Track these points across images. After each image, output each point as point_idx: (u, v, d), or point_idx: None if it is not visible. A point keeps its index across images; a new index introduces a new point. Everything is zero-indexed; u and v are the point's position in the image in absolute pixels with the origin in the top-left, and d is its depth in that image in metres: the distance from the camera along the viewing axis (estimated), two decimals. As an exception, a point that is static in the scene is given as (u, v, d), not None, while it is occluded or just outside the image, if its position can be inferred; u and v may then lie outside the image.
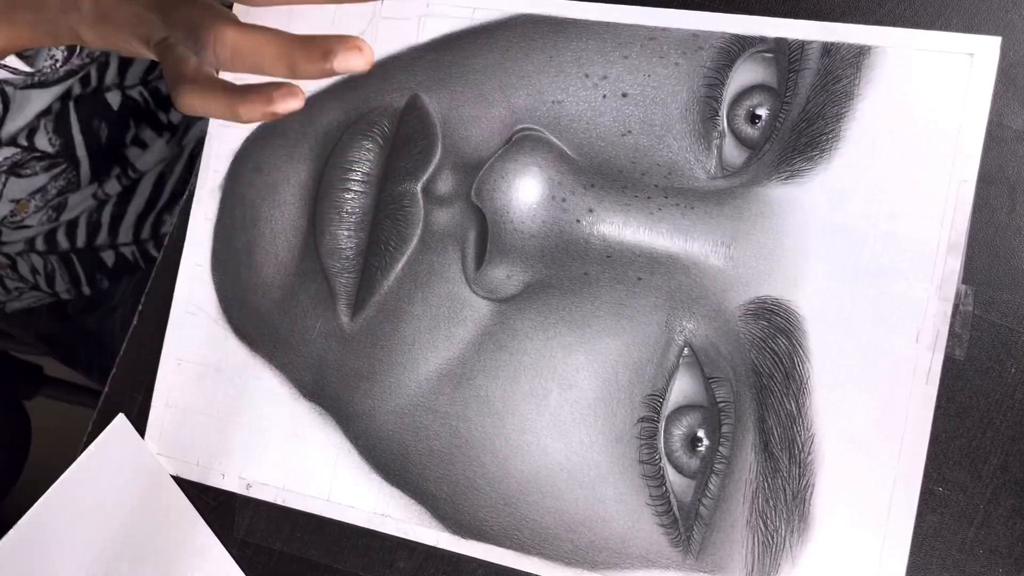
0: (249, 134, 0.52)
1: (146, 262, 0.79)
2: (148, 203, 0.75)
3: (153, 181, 0.75)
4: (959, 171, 0.42)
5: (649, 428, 0.44)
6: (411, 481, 0.47)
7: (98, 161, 0.69)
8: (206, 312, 0.52)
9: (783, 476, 0.42)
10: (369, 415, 0.48)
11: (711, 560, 0.43)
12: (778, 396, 0.42)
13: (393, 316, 0.48)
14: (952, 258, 0.41)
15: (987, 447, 0.41)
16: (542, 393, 0.45)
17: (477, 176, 0.46)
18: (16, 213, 0.68)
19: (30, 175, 0.67)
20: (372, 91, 0.50)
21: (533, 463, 0.45)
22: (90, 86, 0.67)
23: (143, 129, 0.72)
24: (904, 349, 0.41)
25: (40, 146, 0.65)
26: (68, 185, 0.69)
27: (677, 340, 0.44)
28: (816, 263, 0.43)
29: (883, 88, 0.43)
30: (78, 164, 0.68)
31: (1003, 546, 0.41)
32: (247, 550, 0.50)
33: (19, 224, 0.70)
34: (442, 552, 0.47)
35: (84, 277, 0.77)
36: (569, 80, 0.47)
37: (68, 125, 0.66)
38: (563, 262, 0.46)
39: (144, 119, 0.72)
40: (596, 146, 0.46)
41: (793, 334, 0.42)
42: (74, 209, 0.72)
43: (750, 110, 0.44)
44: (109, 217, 0.74)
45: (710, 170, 0.45)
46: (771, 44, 0.45)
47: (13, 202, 0.67)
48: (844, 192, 0.43)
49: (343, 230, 0.49)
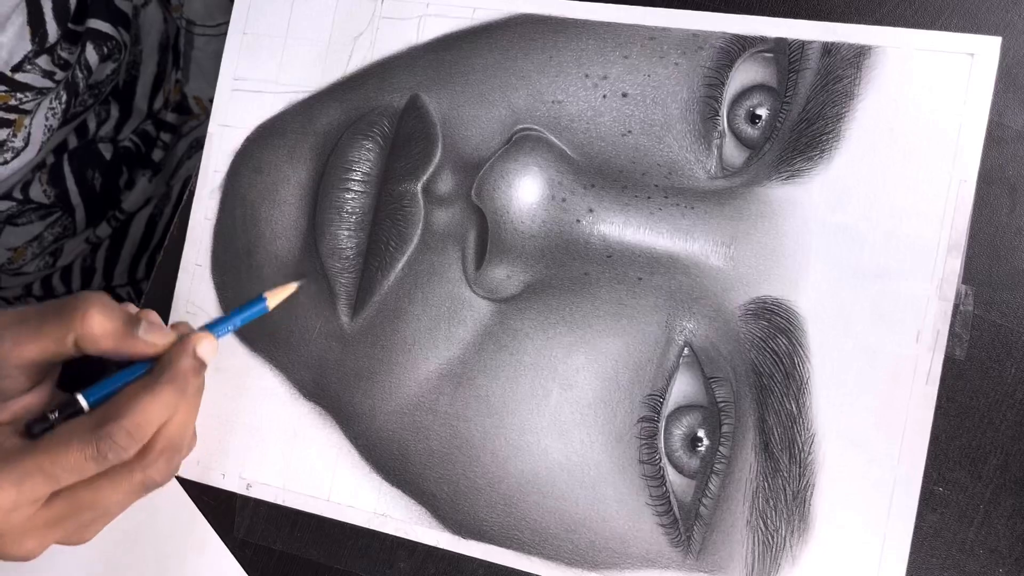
0: (249, 134, 0.52)
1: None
2: (141, 244, 0.75)
3: (144, 223, 0.74)
4: (959, 171, 0.42)
5: (649, 428, 0.44)
6: (411, 481, 0.47)
7: (93, 207, 0.69)
8: (206, 312, 0.52)
9: (783, 476, 0.42)
10: (369, 415, 0.48)
11: (711, 560, 0.43)
12: (778, 396, 0.42)
13: (393, 316, 0.48)
14: (952, 258, 0.41)
15: (987, 447, 0.41)
16: (542, 393, 0.45)
17: (477, 176, 0.46)
18: (14, 261, 0.68)
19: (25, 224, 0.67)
20: (372, 91, 0.50)
21: (533, 463, 0.45)
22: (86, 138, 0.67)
23: (136, 172, 0.72)
24: (904, 349, 0.41)
25: (35, 197, 0.65)
26: (64, 231, 0.69)
27: (677, 340, 0.44)
28: (816, 263, 0.43)
29: (883, 88, 0.43)
30: (73, 212, 0.68)
31: (1004, 546, 0.41)
32: (247, 550, 0.50)
33: (16, 271, 0.69)
34: (442, 552, 0.47)
35: None
36: (569, 80, 0.47)
37: (62, 177, 0.66)
38: (563, 262, 0.46)
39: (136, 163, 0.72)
40: (596, 146, 0.46)
41: (793, 334, 0.42)
42: (69, 255, 0.71)
43: (750, 110, 0.44)
44: (103, 261, 0.74)
45: (710, 170, 0.45)
46: (771, 44, 0.45)
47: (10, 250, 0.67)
48: (844, 192, 0.43)
49: (343, 230, 0.49)
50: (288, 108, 0.52)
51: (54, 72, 0.57)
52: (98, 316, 0.41)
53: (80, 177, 0.67)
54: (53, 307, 0.42)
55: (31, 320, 0.42)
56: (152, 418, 0.40)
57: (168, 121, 0.73)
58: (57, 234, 0.68)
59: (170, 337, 0.43)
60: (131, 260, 0.75)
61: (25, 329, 0.41)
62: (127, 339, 0.42)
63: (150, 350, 0.43)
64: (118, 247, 0.74)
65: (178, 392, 0.41)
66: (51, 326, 0.41)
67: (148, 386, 0.41)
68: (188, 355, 0.43)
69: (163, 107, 0.72)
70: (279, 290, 0.47)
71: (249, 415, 0.50)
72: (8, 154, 0.58)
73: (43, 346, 0.41)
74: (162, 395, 0.41)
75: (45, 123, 0.59)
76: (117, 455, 0.40)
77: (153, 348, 0.43)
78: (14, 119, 0.57)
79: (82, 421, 0.40)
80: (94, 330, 0.41)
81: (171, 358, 0.42)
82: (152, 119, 0.72)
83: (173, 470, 0.43)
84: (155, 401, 0.40)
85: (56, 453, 0.39)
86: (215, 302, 0.52)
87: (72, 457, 0.39)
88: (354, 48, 0.51)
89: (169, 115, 0.73)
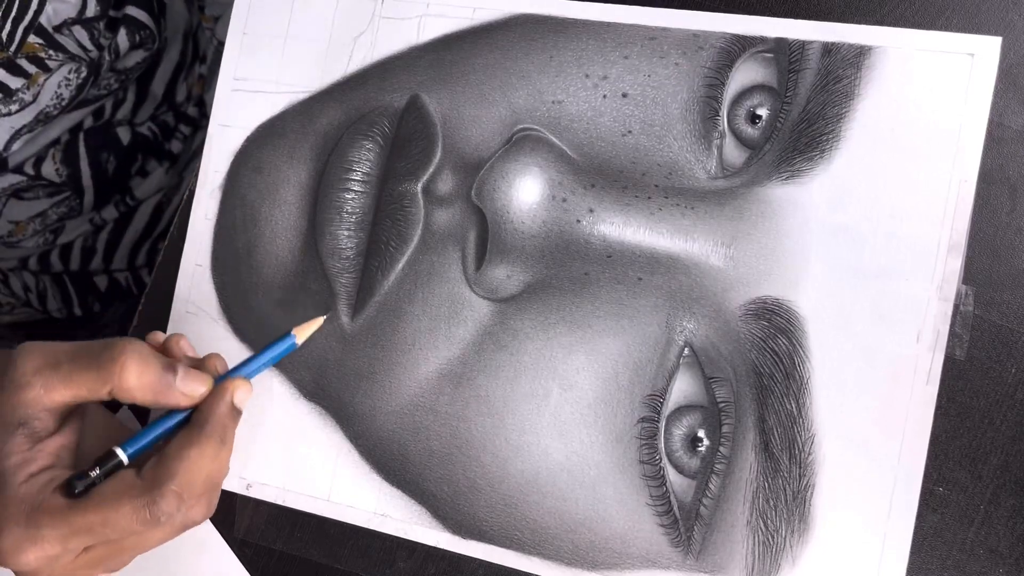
0: (249, 134, 0.52)
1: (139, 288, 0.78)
2: (145, 231, 0.75)
3: (151, 210, 0.74)
4: (959, 171, 0.42)
5: (649, 428, 0.44)
6: (411, 481, 0.47)
7: (102, 191, 0.69)
8: (206, 312, 0.52)
9: (783, 476, 0.42)
10: (369, 415, 0.48)
11: (711, 560, 0.43)
12: (778, 396, 0.42)
13: (393, 316, 0.48)
14: (952, 258, 0.41)
15: (988, 447, 0.41)
16: (542, 393, 0.45)
17: (477, 176, 0.46)
18: (14, 234, 0.68)
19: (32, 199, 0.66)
20: (372, 91, 0.50)
21: (533, 463, 0.45)
22: (103, 119, 0.67)
23: (149, 161, 0.72)
24: (904, 349, 0.41)
25: (46, 174, 0.65)
26: (70, 212, 0.69)
27: (677, 340, 0.44)
28: (816, 263, 0.43)
29: (884, 88, 0.43)
30: (82, 193, 0.68)
31: (1004, 546, 0.41)
32: (247, 550, 0.50)
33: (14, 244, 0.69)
34: (442, 552, 0.47)
35: (76, 299, 0.76)
36: (569, 80, 0.47)
37: (76, 156, 0.66)
38: (563, 262, 0.46)
39: (151, 152, 0.72)
40: (596, 146, 0.46)
41: (793, 334, 0.42)
42: (71, 233, 0.71)
43: (750, 110, 0.44)
44: (104, 243, 0.74)
45: (710, 170, 0.45)
46: (771, 44, 0.45)
47: (12, 223, 0.67)
48: (844, 192, 0.43)
49: (343, 230, 0.49)
50: (288, 108, 0.52)
51: (90, 49, 0.58)
52: (135, 368, 0.40)
53: (94, 159, 0.67)
54: (87, 354, 0.40)
55: (63, 366, 0.40)
56: (200, 474, 0.40)
57: (189, 114, 0.73)
58: (62, 214, 0.68)
59: (207, 385, 0.42)
60: (132, 246, 0.75)
61: (57, 376, 0.40)
62: (165, 391, 0.41)
63: (188, 402, 0.42)
64: (121, 231, 0.74)
65: (220, 443, 0.41)
66: (85, 376, 0.40)
67: (192, 441, 0.40)
68: (226, 404, 0.42)
69: (186, 100, 0.72)
70: (307, 325, 0.45)
71: (249, 415, 0.50)
72: (14, 105, 0.58)
73: (75, 393, 0.40)
74: (207, 449, 0.40)
75: (57, 89, 0.59)
76: (168, 516, 0.39)
77: (190, 400, 0.42)
78: (32, 72, 0.57)
79: (132, 483, 0.39)
80: (131, 383, 0.40)
81: (210, 409, 0.42)
82: (173, 111, 0.72)
83: (212, 508, 0.42)
84: (201, 456, 0.40)
85: (107, 515, 0.38)
86: (215, 302, 0.52)
87: (123, 520, 0.38)
88: (354, 48, 0.51)
89: (191, 108, 0.73)
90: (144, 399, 0.41)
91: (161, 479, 0.39)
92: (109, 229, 0.73)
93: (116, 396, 0.40)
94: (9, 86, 0.56)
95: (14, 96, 0.57)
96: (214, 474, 0.41)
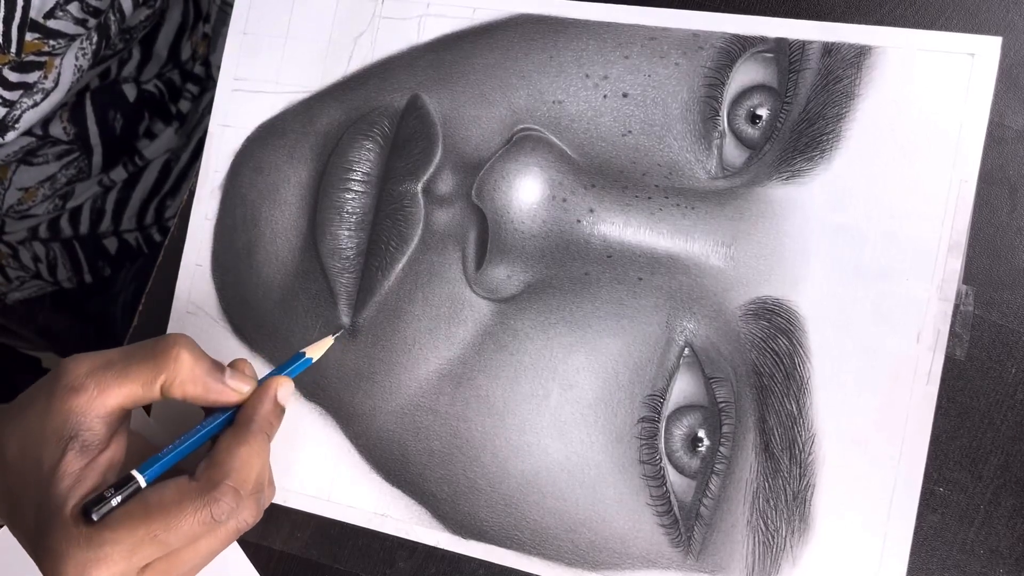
0: (250, 134, 0.52)
1: (149, 248, 0.79)
2: (153, 189, 0.75)
3: (159, 168, 0.74)
4: (959, 171, 0.42)
5: (650, 428, 0.44)
6: (411, 481, 0.47)
7: (111, 150, 0.69)
8: (206, 312, 0.52)
9: (784, 476, 0.42)
10: (369, 415, 0.48)
11: (711, 560, 0.43)
12: (779, 396, 0.42)
13: (393, 316, 0.48)
14: (952, 258, 0.41)
15: (988, 447, 0.41)
16: (542, 393, 0.45)
17: (478, 176, 0.46)
18: (24, 202, 0.68)
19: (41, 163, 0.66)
20: (372, 91, 0.50)
21: (533, 463, 0.45)
22: (108, 79, 0.67)
23: (155, 121, 0.72)
24: (905, 349, 0.41)
25: (54, 133, 0.65)
26: (79, 174, 0.68)
27: (678, 340, 0.44)
28: (816, 263, 0.43)
29: (884, 88, 0.43)
30: (91, 153, 0.68)
31: (1004, 546, 0.41)
32: (247, 550, 0.50)
33: (25, 213, 0.69)
34: (442, 552, 0.47)
35: (86, 264, 0.77)
36: (569, 80, 0.47)
37: (83, 115, 0.66)
38: (563, 262, 0.46)
39: (158, 111, 0.72)
40: (597, 146, 0.46)
41: (793, 334, 0.42)
42: (80, 197, 0.71)
43: (750, 110, 0.44)
44: (113, 204, 0.74)
45: (711, 170, 0.45)
46: (771, 44, 0.45)
47: (22, 190, 0.67)
48: (845, 192, 0.43)
49: (343, 230, 0.49)
50: (288, 108, 0.52)
51: (85, 20, 0.57)
52: (189, 359, 0.40)
53: (101, 117, 0.67)
54: (140, 349, 0.41)
55: (116, 363, 0.40)
56: (252, 471, 0.40)
57: (196, 73, 0.73)
58: (71, 176, 0.68)
59: (253, 383, 0.43)
60: (141, 205, 0.75)
61: (110, 374, 0.40)
62: (215, 385, 0.41)
63: (236, 397, 0.42)
64: (130, 190, 0.74)
65: (266, 439, 0.41)
66: (140, 368, 0.40)
67: (241, 439, 0.40)
68: (271, 401, 0.42)
69: (191, 58, 0.72)
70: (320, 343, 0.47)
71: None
72: (38, 95, 0.58)
73: (129, 391, 0.40)
74: (256, 445, 0.40)
75: (75, 63, 0.59)
76: (229, 516, 0.39)
77: (239, 396, 0.42)
78: (45, 61, 0.57)
79: (189, 487, 0.39)
80: (184, 374, 0.40)
81: (256, 405, 0.42)
82: (179, 69, 0.72)
83: (260, 512, 0.42)
84: (252, 453, 0.40)
85: (169, 521, 0.38)
86: (215, 302, 0.52)
87: (186, 524, 0.38)
88: (354, 48, 0.51)
89: (198, 67, 0.73)
90: (195, 393, 0.41)
91: (216, 478, 0.39)
92: (118, 189, 0.73)
93: (166, 392, 0.40)
94: (27, 81, 0.56)
95: (35, 88, 0.57)
96: (261, 473, 0.41)
